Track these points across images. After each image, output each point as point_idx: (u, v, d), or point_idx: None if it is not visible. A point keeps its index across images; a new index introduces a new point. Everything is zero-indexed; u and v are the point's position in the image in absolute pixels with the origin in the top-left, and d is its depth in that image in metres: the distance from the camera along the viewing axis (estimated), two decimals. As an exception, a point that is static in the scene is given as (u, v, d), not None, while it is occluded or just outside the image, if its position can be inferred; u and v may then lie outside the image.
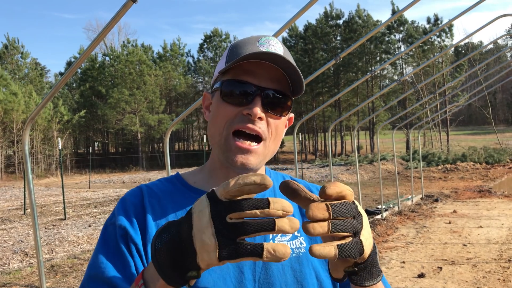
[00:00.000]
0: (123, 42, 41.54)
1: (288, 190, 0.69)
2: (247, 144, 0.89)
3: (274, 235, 0.94)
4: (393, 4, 35.13)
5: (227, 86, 0.91)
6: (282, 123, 0.95)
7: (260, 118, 0.90)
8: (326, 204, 0.64)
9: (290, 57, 0.93)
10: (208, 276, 0.86)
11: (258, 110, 0.88)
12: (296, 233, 0.96)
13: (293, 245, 0.95)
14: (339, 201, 0.66)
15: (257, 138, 0.91)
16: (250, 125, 0.89)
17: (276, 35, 3.61)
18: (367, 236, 0.68)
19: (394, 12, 34.58)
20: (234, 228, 0.60)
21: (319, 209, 0.64)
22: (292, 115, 1.02)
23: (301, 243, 0.96)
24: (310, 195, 0.68)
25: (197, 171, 1.03)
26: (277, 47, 0.92)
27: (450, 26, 33.46)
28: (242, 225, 0.60)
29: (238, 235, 0.60)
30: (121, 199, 0.96)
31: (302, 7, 3.44)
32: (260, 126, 0.90)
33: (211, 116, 0.96)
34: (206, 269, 0.64)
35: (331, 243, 0.64)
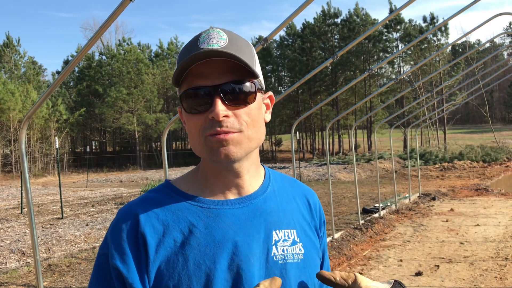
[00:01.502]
0: (118, 40, 41.47)
1: (324, 280, 0.93)
2: (223, 134, 0.86)
3: (277, 240, 0.93)
4: (390, 3, 35.16)
5: (185, 98, 0.89)
6: (255, 109, 0.91)
7: (226, 116, 0.87)
8: None
9: (235, 44, 0.88)
10: None
11: (219, 111, 0.85)
12: (295, 239, 0.96)
13: (293, 251, 0.94)
14: None
15: (232, 132, 0.88)
16: (218, 129, 0.86)
17: (272, 34, 3.61)
18: None
19: (391, 11, 34.60)
20: None
21: None
22: (269, 93, 0.99)
23: (300, 249, 0.96)
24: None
25: (190, 177, 0.99)
26: (219, 38, 0.88)
27: (445, 25, 33.51)
28: None
29: None
30: (113, 224, 0.91)
31: (299, 6, 3.43)
32: (228, 124, 0.87)
33: (187, 130, 0.95)
34: None
35: None
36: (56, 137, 12.54)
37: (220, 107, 0.85)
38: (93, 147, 44.36)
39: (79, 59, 3.03)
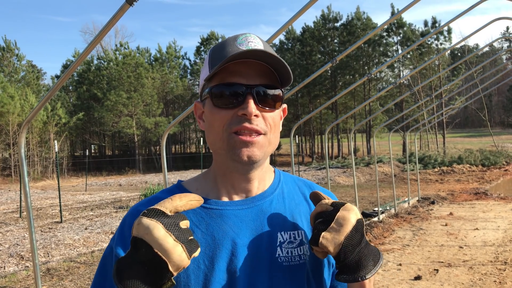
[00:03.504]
0: (116, 45, 41.50)
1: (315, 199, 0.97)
2: (249, 136, 0.89)
3: (282, 241, 0.94)
4: (392, 6, 35.23)
5: (217, 91, 0.91)
6: (277, 115, 0.96)
7: (256, 116, 0.90)
8: None
9: (272, 51, 0.92)
10: None
11: (252, 109, 0.88)
12: (303, 240, 0.97)
13: (300, 251, 0.95)
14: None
15: (258, 133, 0.91)
16: (247, 125, 0.89)
17: (272, 38, 3.62)
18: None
19: (393, 14, 34.70)
20: (187, 231, 0.79)
21: None
22: (284, 105, 1.02)
23: (306, 250, 0.96)
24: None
25: (201, 178, 1.02)
26: (257, 43, 0.92)
27: (448, 29, 33.53)
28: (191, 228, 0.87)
29: (191, 235, 0.80)
30: (122, 220, 0.97)
31: (298, 10, 3.45)
32: (258, 123, 0.90)
33: (207, 125, 0.95)
34: (177, 272, 0.77)
35: None
36: (55, 141, 12.53)
37: (253, 106, 0.89)
38: (92, 151, 44.37)
39: (78, 63, 3.04)
